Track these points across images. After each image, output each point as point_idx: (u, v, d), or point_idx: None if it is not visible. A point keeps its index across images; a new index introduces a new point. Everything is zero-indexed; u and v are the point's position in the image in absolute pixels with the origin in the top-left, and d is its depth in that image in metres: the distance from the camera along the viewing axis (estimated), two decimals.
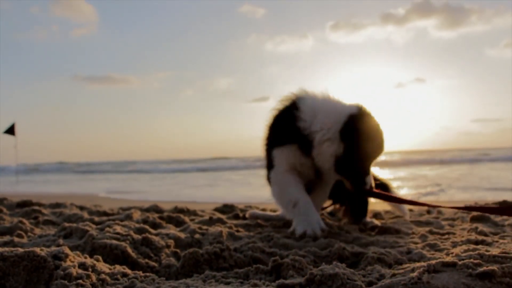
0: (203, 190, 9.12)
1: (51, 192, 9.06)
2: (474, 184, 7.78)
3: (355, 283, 1.31)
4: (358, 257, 1.80)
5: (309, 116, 2.41)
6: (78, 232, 2.19)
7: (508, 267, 1.26)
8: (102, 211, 3.55)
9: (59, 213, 3.33)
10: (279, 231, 2.54)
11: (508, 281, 1.22)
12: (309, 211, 2.37)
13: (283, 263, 1.57)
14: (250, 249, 1.90)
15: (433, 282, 1.24)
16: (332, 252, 1.83)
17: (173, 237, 2.17)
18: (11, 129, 12.99)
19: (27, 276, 1.38)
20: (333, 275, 1.33)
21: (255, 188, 9.25)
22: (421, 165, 17.63)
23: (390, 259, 1.72)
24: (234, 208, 3.69)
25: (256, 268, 1.60)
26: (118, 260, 1.82)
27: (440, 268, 1.32)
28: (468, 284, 1.22)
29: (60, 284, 1.34)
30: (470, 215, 2.79)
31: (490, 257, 1.38)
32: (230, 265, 1.79)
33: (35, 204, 3.87)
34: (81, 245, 1.94)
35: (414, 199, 2.62)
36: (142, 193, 8.78)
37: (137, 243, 2.00)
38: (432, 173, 10.67)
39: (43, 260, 1.41)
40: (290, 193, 2.44)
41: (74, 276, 1.39)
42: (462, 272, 1.29)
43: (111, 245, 1.87)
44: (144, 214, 3.20)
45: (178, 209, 3.49)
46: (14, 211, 3.45)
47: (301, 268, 1.57)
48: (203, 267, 1.75)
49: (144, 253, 1.93)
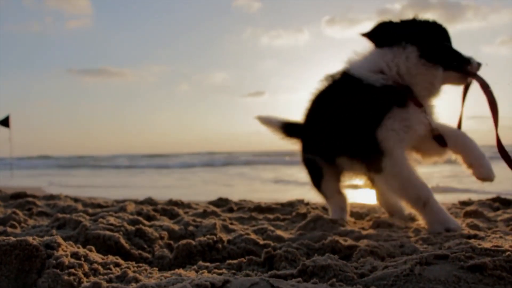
0: (196, 187, 9.11)
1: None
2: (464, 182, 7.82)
3: (347, 275, 1.32)
4: (351, 250, 1.80)
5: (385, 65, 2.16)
6: (71, 223, 2.18)
7: (499, 260, 1.27)
8: (97, 203, 3.54)
9: (53, 204, 3.32)
10: (273, 224, 2.54)
11: (499, 274, 1.23)
12: (442, 210, 2.15)
13: (276, 254, 1.58)
14: (244, 241, 1.91)
15: (424, 274, 1.24)
16: (325, 244, 1.84)
17: (166, 229, 2.17)
18: (5, 121, 12.86)
19: (19, 265, 1.37)
20: (325, 266, 1.34)
21: (250, 183, 9.27)
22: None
23: (383, 252, 1.72)
24: (229, 202, 3.69)
25: (249, 259, 1.60)
26: (111, 251, 1.82)
27: (432, 261, 1.33)
28: (460, 276, 1.23)
29: (52, 273, 1.33)
30: (464, 210, 2.80)
31: (481, 250, 1.39)
32: (223, 257, 1.79)
33: (29, 195, 3.86)
34: (74, 235, 1.93)
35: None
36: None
37: (130, 234, 2.00)
38: (425, 171, 10.71)
39: (35, 249, 1.41)
40: (418, 188, 2.11)
41: (66, 265, 1.38)
42: (453, 264, 1.29)
43: (104, 236, 1.87)
44: (139, 206, 3.20)
45: (173, 202, 3.49)
46: (8, 203, 3.44)
47: (293, 259, 1.57)
48: (196, 259, 1.75)
49: (138, 244, 1.93)
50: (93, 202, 3.66)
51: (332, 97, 2.38)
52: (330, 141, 2.37)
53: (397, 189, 2.16)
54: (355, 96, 2.20)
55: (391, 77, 2.16)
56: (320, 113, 2.47)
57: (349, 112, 2.21)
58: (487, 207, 3.06)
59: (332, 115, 2.32)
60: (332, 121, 2.32)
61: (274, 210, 3.23)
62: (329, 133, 2.35)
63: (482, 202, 3.24)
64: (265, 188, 8.00)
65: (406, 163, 2.11)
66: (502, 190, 4.95)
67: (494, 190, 4.91)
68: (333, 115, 2.30)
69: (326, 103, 2.42)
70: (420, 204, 2.09)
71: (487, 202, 3.21)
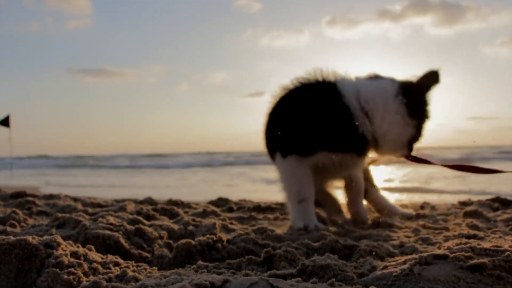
0: (196, 186, 9.10)
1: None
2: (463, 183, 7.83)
3: (346, 274, 1.32)
4: (351, 250, 1.80)
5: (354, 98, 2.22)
6: (71, 222, 2.18)
7: (498, 260, 1.27)
8: (96, 203, 3.54)
9: (53, 204, 3.32)
10: (273, 224, 2.54)
11: (498, 274, 1.23)
12: (310, 212, 2.29)
13: (275, 254, 1.58)
14: (243, 241, 1.91)
15: (424, 274, 1.24)
16: (325, 244, 1.83)
17: (166, 229, 2.17)
18: (5, 120, 12.84)
19: (19, 264, 1.37)
20: (325, 266, 1.34)
21: (250, 183, 9.27)
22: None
23: (382, 252, 1.73)
24: (228, 202, 3.69)
25: (248, 259, 1.60)
26: (110, 250, 1.82)
27: (432, 261, 1.32)
28: (459, 276, 1.23)
29: (51, 272, 1.33)
30: (463, 210, 2.80)
31: (481, 250, 1.39)
32: (223, 256, 1.79)
33: (29, 195, 3.85)
34: (74, 235, 1.93)
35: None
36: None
37: (130, 233, 2.00)
38: (425, 170, 10.71)
39: (35, 248, 1.41)
40: (303, 186, 2.28)
41: (66, 264, 1.38)
42: (453, 264, 1.29)
43: (103, 235, 1.87)
44: (138, 206, 3.20)
45: (172, 202, 3.49)
46: (7, 202, 3.44)
47: (293, 259, 1.57)
48: (195, 258, 1.75)
49: (137, 244, 1.93)
50: (93, 201, 3.66)
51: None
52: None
53: (287, 177, 2.31)
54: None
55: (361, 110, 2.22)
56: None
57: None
58: (487, 207, 3.06)
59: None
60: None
61: (274, 210, 3.23)
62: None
63: (482, 203, 3.23)
64: (265, 188, 8.00)
65: (304, 166, 2.28)
66: (501, 190, 4.96)
67: (494, 191, 4.92)
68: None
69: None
70: (297, 198, 2.24)
71: (486, 202, 3.20)
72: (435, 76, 2.33)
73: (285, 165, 2.31)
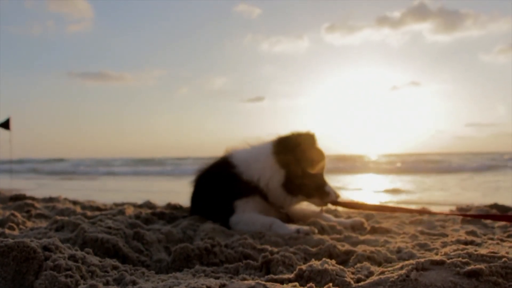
0: None
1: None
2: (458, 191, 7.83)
3: (343, 279, 1.32)
4: (348, 255, 1.80)
5: (244, 167, 2.70)
6: (69, 225, 2.18)
7: (495, 266, 1.27)
8: (95, 206, 3.54)
9: (52, 207, 3.32)
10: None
11: (495, 280, 1.23)
12: (282, 225, 2.46)
13: (273, 259, 1.58)
14: (241, 245, 1.91)
15: (421, 280, 1.24)
16: (323, 249, 1.84)
17: (165, 233, 2.17)
18: (6, 123, 12.85)
19: (17, 267, 1.37)
20: (322, 271, 1.34)
21: None
22: (417, 170, 17.54)
23: (380, 257, 1.73)
24: None
25: (246, 263, 1.60)
26: (109, 253, 1.82)
27: (429, 266, 1.33)
28: (456, 282, 1.23)
29: (49, 275, 1.33)
30: (461, 217, 2.80)
31: (478, 256, 1.39)
32: (221, 261, 1.79)
33: (28, 198, 3.85)
34: (72, 238, 1.93)
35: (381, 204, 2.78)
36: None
37: (128, 237, 2.00)
38: (427, 179, 10.71)
39: (33, 251, 1.41)
40: (262, 220, 2.52)
41: (64, 267, 1.38)
42: (450, 270, 1.29)
43: (102, 239, 1.87)
44: (137, 210, 3.20)
45: (171, 206, 3.49)
46: (6, 205, 3.44)
47: (290, 264, 1.57)
48: (193, 262, 1.75)
49: (136, 248, 1.93)
50: (92, 205, 3.66)
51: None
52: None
53: (249, 225, 2.57)
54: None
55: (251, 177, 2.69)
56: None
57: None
58: (485, 213, 3.06)
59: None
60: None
61: None
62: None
63: (480, 209, 3.24)
64: None
65: (249, 213, 2.65)
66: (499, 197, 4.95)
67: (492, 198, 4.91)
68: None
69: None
70: (267, 227, 2.47)
71: (484, 209, 3.21)
72: (309, 137, 2.74)
73: (236, 218, 2.63)
